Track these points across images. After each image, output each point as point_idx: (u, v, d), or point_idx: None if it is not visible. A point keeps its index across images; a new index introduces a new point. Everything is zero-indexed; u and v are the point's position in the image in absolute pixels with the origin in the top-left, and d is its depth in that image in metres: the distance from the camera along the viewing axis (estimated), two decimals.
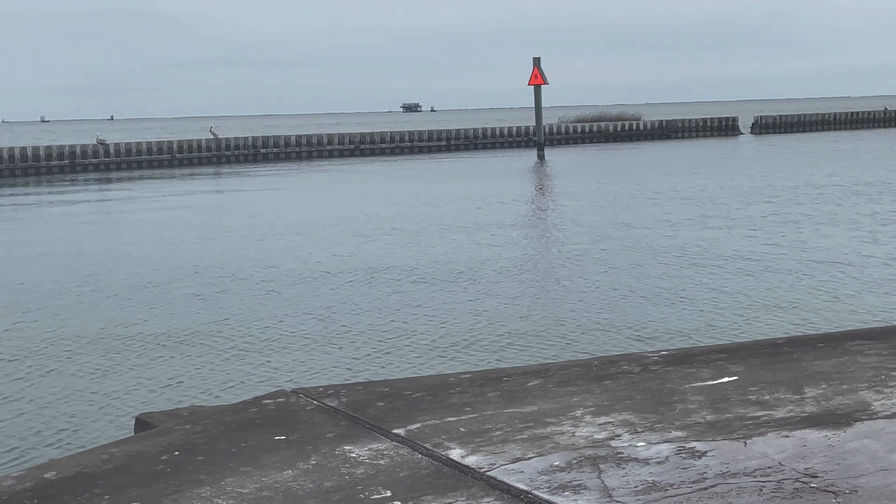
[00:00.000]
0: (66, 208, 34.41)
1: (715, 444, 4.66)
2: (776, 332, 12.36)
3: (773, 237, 21.32)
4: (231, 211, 31.09)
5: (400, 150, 65.38)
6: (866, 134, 73.85)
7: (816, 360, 5.99)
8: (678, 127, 77.14)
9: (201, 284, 17.63)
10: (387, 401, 5.60)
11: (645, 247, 20.51)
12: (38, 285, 18.12)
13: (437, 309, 15.02)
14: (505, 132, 69.66)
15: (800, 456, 4.45)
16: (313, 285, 17.29)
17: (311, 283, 17.46)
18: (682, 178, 38.13)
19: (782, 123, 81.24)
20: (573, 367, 6.20)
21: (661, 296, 15.47)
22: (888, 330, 6.92)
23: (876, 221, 23.45)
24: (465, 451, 4.71)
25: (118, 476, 4.64)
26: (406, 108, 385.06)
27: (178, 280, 18.14)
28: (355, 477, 4.47)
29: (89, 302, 16.42)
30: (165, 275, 18.77)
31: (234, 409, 5.69)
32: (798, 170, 40.50)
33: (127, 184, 46.01)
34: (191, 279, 18.21)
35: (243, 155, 60.83)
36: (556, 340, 12.87)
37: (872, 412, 4.99)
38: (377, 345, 13.00)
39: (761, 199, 29.55)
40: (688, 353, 6.43)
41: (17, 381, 11.89)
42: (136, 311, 15.53)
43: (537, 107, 57.55)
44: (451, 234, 23.39)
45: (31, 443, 9.70)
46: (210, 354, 12.79)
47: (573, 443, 4.77)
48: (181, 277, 18.41)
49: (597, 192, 33.71)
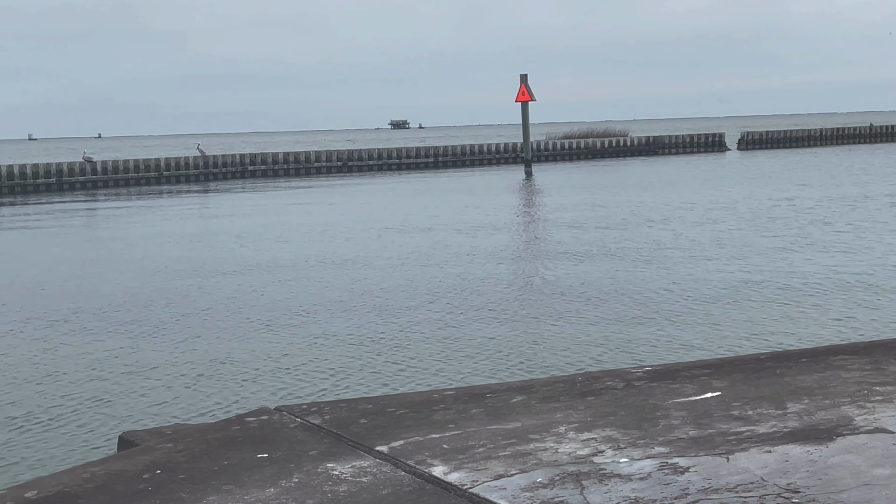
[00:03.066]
0: (42, 224, 34.33)
1: (697, 459, 4.66)
2: (759, 348, 12.38)
3: (761, 254, 21.38)
4: (213, 229, 31.04)
5: (388, 166, 65.42)
6: (847, 149, 74.16)
7: (799, 376, 6.00)
8: (665, 143, 77.36)
9: (184, 303, 17.59)
10: (370, 418, 5.58)
11: (630, 263, 20.54)
12: (20, 302, 18.06)
13: (421, 326, 15.01)
14: (493, 149, 69.79)
15: (782, 471, 4.45)
16: (297, 303, 17.26)
17: (294, 302, 17.43)
18: (670, 193, 38.23)
19: (769, 139, 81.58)
20: (557, 384, 6.20)
21: (645, 312, 15.49)
22: (871, 345, 6.94)
23: (864, 233, 23.54)
24: (447, 468, 4.70)
25: (99, 495, 4.62)
26: (394, 124, 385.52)
27: (161, 298, 18.09)
28: (338, 495, 4.45)
29: (73, 320, 16.37)
30: (148, 293, 18.72)
31: (216, 428, 5.67)
32: (787, 186, 40.65)
33: (114, 201, 45.92)
34: (174, 297, 18.17)
35: (231, 172, 60.81)
36: (541, 356, 12.87)
37: (855, 427, 5.00)
38: (360, 362, 12.98)
39: (747, 215, 29.64)
40: (671, 369, 6.43)
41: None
42: (120, 331, 15.48)
43: (525, 123, 57.73)
44: (436, 252, 23.39)
45: (13, 461, 9.65)
46: (195, 373, 12.75)
47: (556, 459, 4.77)
48: (165, 296, 18.37)
49: (584, 208, 33.77)
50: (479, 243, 24.55)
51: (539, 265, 21.01)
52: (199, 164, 60.46)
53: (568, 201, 36.58)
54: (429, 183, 51.47)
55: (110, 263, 23.22)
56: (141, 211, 39.66)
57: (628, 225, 27.82)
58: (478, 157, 68.69)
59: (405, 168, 65.28)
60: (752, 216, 28.98)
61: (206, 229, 30.94)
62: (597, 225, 28.13)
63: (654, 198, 36.42)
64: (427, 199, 40.34)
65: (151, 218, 35.90)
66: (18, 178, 54.11)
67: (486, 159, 68.66)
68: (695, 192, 38.64)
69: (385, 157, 66.34)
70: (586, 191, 41.89)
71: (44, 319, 16.45)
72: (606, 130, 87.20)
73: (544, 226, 29.26)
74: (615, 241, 24.11)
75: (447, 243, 24.81)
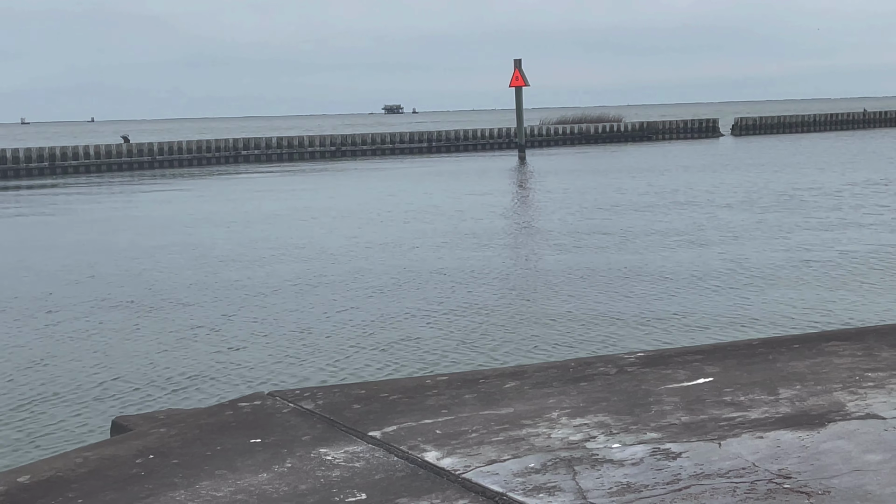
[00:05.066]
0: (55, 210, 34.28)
1: (689, 445, 4.67)
2: (752, 334, 12.40)
3: (754, 238, 21.41)
4: (210, 211, 31.02)
5: (381, 151, 65.34)
6: (845, 135, 74.22)
7: (791, 361, 6.01)
8: (659, 129, 77.36)
9: (179, 288, 17.58)
10: (363, 403, 5.59)
11: (623, 248, 20.56)
12: (15, 287, 18.04)
13: (413, 311, 15.02)
14: (486, 134, 69.72)
15: (773, 457, 4.47)
16: (292, 288, 17.26)
17: (289, 287, 17.43)
18: (660, 177, 38.25)
19: (762, 125, 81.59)
20: (550, 369, 6.21)
21: (637, 297, 15.51)
22: (862, 331, 6.96)
23: (857, 220, 23.58)
24: (440, 454, 4.71)
25: (92, 480, 4.62)
26: (388, 109, 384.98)
27: (159, 284, 18.08)
28: (330, 479, 4.46)
29: (67, 304, 16.35)
30: (145, 278, 18.71)
31: (210, 412, 5.68)
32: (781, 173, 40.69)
33: (116, 185, 45.85)
34: (169, 282, 18.16)
35: (224, 157, 60.72)
36: (533, 342, 12.89)
37: (846, 413, 5.02)
38: (354, 347, 12.99)
39: (742, 200, 29.67)
40: (663, 355, 6.45)
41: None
42: (115, 315, 15.47)
43: (518, 108, 57.64)
44: (429, 238, 23.39)
45: (6, 446, 9.65)
46: (189, 357, 12.76)
47: (548, 444, 4.78)
48: (162, 281, 18.36)
49: (576, 194, 33.77)
50: (473, 228, 24.54)
51: (532, 250, 21.02)
52: (192, 148, 60.32)
53: (560, 186, 36.57)
54: (423, 168, 51.41)
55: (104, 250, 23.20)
56: (135, 195, 39.61)
57: (621, 209, 27.83)
58: (471, 142, 68.62)
59: (398, 153, 65.20)
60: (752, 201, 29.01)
61: (211, 214, 30.92)
62: (590, 210, 28.13)
63: (645, 182, 36.44)
64: (422, 185, 40.32)
65: (149, 200, 35.84)
66: (11, 162, 54.02)
67: (480, 144, 68.59)
68: (693, 175, 38.70)
69: (379, 141, 66.26)
70: (582, 175, 41.88)
71: (38, 303, 16.43)
72: (600, 116, 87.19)
73: (537, 210, 29.26)
74: (609, 227, 24.12)
75: (439, 228, 24.80)
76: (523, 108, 57.95)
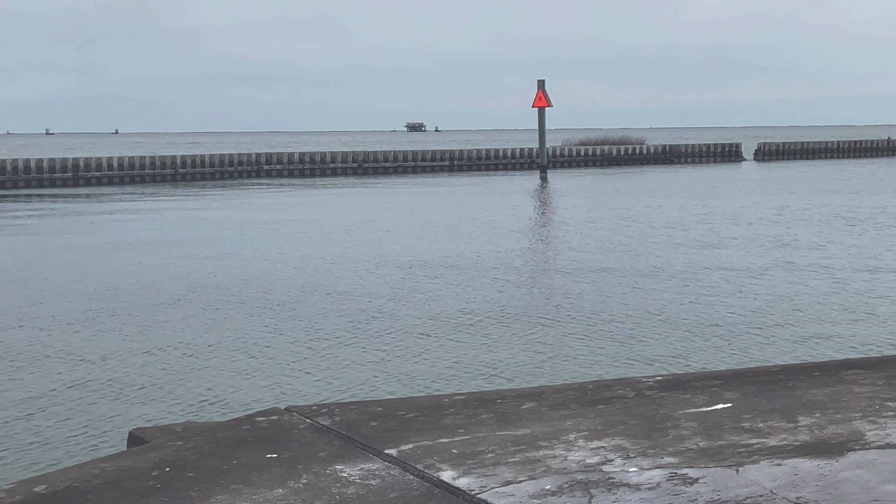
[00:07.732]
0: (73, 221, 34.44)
1: (707, 470, 4.65)
2: (772, 360, 12.34)
3: (774, 263, 21.32)
4: (229, 226, 31.13)
5: (403, 169, 65.47)
6: (868, 162, 73.91)
7: (811, 389, 5.97)
8: (681, 152, 77.25)
9: (199, 301, 17.63)
10: (380, 421, 5.58)
11: (643, 271, 20.51)
12: (31, 298, 18.13)
13: (433, 329, 15.01)
14: (508, 154, 69.77)
15: (791, 485, 4.44)
16: (312, 304, 17.28)
17: (309, 302, 17.46)
18: (685, 202, 38.19)
19: (785, 151, 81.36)
20: (567, 391, 6.19)
21: (657, 320, 15.46)
22: (884, 360, 6.91)
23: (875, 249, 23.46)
24: (456, 473, 4.70)
25: (108, 491, 4.63)
26: (410, 127, 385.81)
27: (177, 296, 18.14)
28: (346, 497, 4.45)
29: (86, 316, 16.41)
30: (163, 291, 18.77)
31: (226, 426, 5.68)
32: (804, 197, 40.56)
33: (127, 202, 46.10)
34: (187, 296, 18.21)
35: (246, 171, 61.03)
36: (552, 363, 12.85)
37: (866, 442, 4.98)
38: (372, 364, 12.98)
39: (763, 224, 29.56)
40: (682, 379, 6.42)
41: (9, 393, 11.87)
42: (135, 327, 15.52)
43: (541, 129, 57.73)
44: (447, 258, 23.39)
45: (22, 455, 9.68)
46: (208, 370, 12.78)
47: (565, 467, 4.76)
48: (179, 294, 18.41)
49: (599, 215, 33.74)
50: (495, 248, 24.54)
51: (554, 271, 20.99)
52: (215, 162, 60.69)
53: (583, 208, 36.54)
54: (445, 187, 51.46)
55: (124, 262, 23.30)
56: (157, 207, 39.82)
57: (646, 233, 27.78)
58: (493, 161, 68.69)
59: (420, 171, 65.30)
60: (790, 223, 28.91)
61: (241, 224, 31.04)
62: (612, 232, 28.09)
63: (669, 204, 36.38)
64: (443, 201, 40.36)
65: (165, 217, 36.00)
66: (35, 172, 54.42)
67: (502, 164, 68.63)
68: (718, 200, 38.61)
69: (401, 159, 66.41)
70: (605, 198, 41.84)
71: (53, 314, 16.51)
72: (623, 138, 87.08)
73: (559, 231, 29.24)
74: (630, 250, 24.08)
75: (463, 248, 24.81)
76: (546, 128, 58.00)
